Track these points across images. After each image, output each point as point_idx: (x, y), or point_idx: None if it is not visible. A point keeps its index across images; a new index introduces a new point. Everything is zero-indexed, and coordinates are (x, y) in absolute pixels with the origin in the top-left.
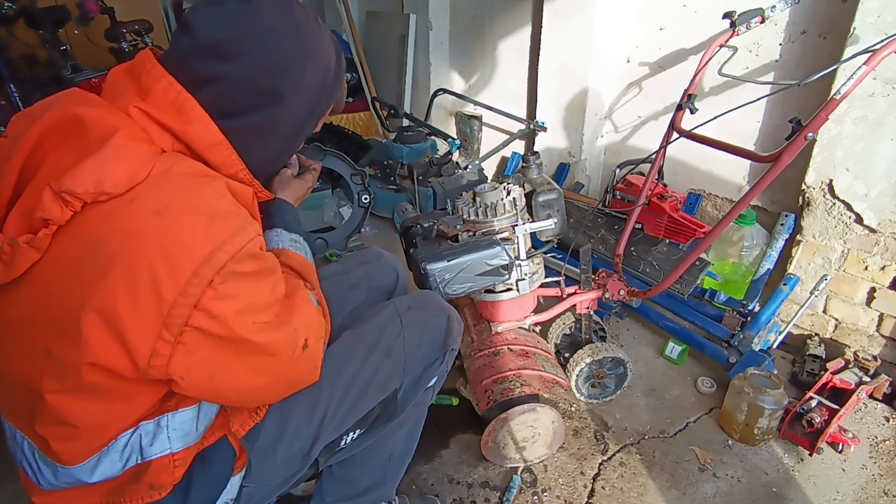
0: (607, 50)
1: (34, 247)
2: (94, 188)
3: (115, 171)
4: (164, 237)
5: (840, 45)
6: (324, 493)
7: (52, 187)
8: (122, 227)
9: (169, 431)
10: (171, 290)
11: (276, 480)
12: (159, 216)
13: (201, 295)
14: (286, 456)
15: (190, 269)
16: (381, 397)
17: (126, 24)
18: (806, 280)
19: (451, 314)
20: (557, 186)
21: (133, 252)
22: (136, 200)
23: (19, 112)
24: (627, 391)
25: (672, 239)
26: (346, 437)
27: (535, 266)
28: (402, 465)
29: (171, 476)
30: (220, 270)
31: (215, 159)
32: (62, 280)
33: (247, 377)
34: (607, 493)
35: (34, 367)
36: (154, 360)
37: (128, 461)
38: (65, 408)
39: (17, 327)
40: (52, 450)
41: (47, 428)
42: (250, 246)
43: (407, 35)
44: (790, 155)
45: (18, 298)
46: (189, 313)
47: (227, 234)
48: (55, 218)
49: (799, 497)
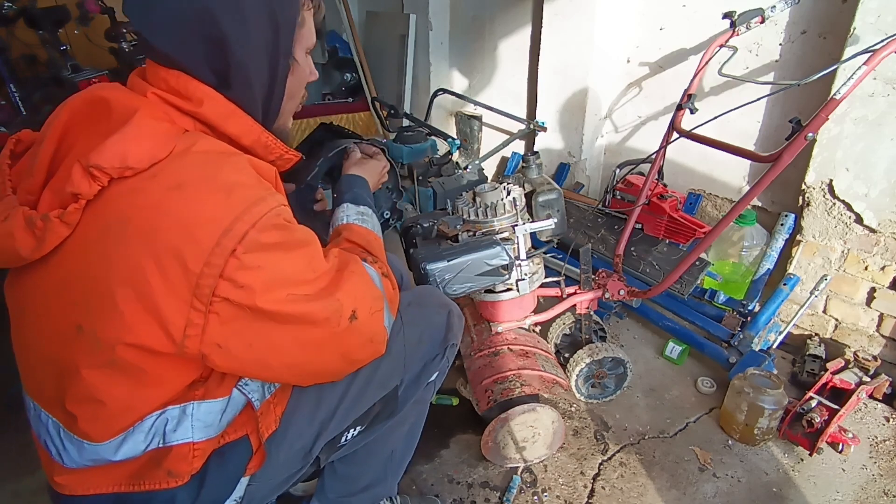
0: (607, 50)
1: (64, 221)
2: (119, 163)
3: (137, 147)
4: (184, 210)
5: (840, 45)
6: (325, 489)
7: (81, 163)
8: (146, 202)
9: (193, 420)
10: (196, 262)
11: (277, 479)
12: (179, 190)
13: (225, 265)
14: (288, 455)
15: (212, 240)
16: (381, 394)
17: (126, 24)
18: (806, 280)
19: (452, 309)
20: (557, 186)
21: (157, 226)
22: (158, 176)
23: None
24: (627, 391)
25: (672, 239)
26: (346, 434)
27: (535, 266)
28: (403, 462)
29: (189, 466)
30: (241, 240)
31: (235, 130)
32: (91, 256)
33: (293, 349)
34: (607, 493)
35: (66, 343)
36: (189, 330)
37: (150, 443)
38: (97, 383)
39: (48, 304)
40: (80, 427)
41: (77, 405)
42: (271, 215)
43: (407, 35)
44: (790, 155)
45: (48, 275)
46: (216, 283)
47: (246, 205)
48: (84, 192)
49: (799, 497)
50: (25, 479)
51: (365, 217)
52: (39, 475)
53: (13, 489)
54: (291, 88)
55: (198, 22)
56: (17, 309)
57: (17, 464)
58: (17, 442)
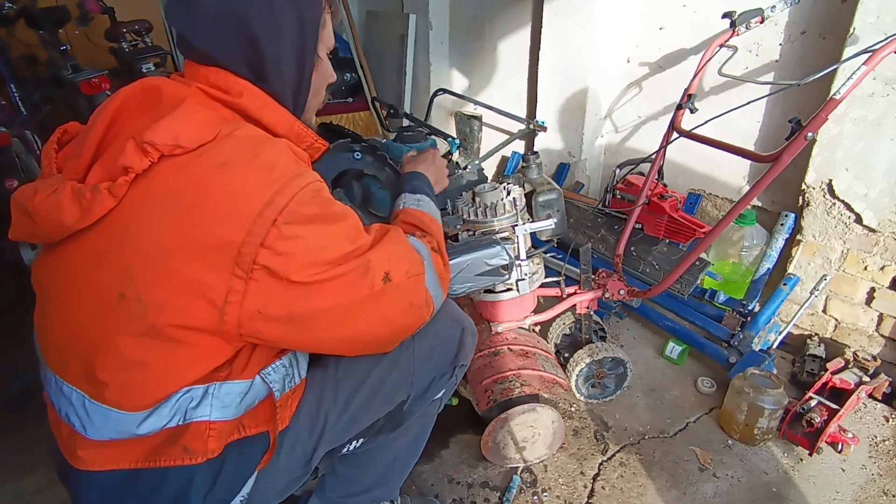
0: (607, 50)
1: (112, 193)
2: (172, 141)
3: (189, 128)
4: (229, 185)
5: (840, 45)
6: (325, 488)
7: (136, 139)
8: (192, 177)
9: (213, 399)
10: (238, 232)
11: (278, 484)
12: (224, 167)
13: (266, 234)
14: (288, 460)
15: (254, 211)
16: (386, 409)
17: (126, 24)
18: (806, 280)
19: (466, 326)
20: (557, 186)
21: (202, 200)
22: (204, 155)
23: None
24: (627, 391)
25: (672, 239)
26: (348, 446)
27: (535, 266)
28: (406, 468)
29: (204, 444)
30: (282, 211)
31: (271, 119)
32: (136, 226)
33: (332, 314)
34: (607, 493)
35: (104, 312)
36: (230, 296)
37: (172, 420)
38: (133, 352)
39: (86, 275)
40: (108, 395)
41: (109, 373)
42: (309, 189)
43: (407, 35)
44: (790, 155)
45: (89, 246)
46: (256, 251)
47: (286, 179)
48: (135, 166)
49: (799, 497)
50: (25, 478)
51: (421, 203)
52: (39, 475)
53: (13, 489)
54: (316, 85)
55: (234, 22)
56: (47, 285)
57: (17, 464)
58: (17, 442)
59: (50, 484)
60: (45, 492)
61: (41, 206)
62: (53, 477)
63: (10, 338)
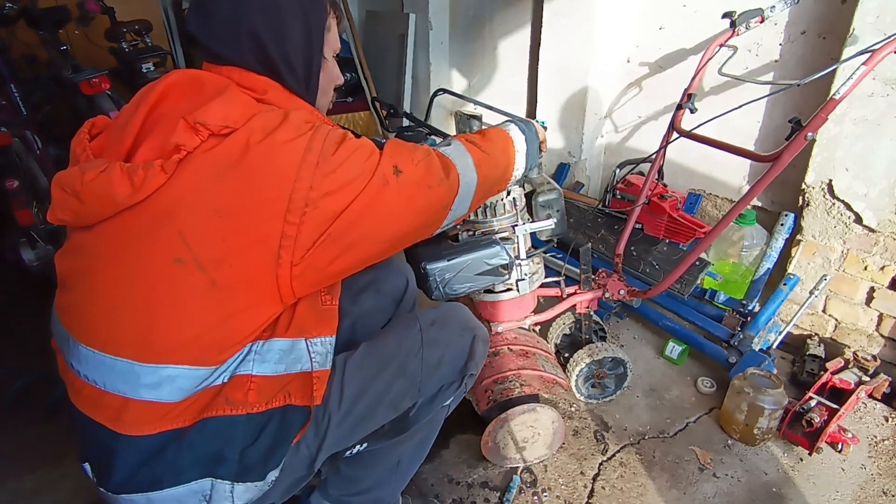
0: (607, 49)
1: (164, 170)
2: (222, 122)
3: (235, 110)
4: (271, 148)
5: (839, 46)
6: (328, 485)
7: (187, 119)
8: (237, 146)
9: (255, 356)
10: (287, 183)
11: (284, 483)
12: (262, 132)
13: (312, 176)
14: (293, 460)
15: (296, 162)
16: (392, 416)
17: (126, 24)
18: (806, 280)
19: (478, 334)
20: (557, 186)
21: (250, 163)
22: (246, 126)
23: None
24: (627, 391)
25: (672, 239)
26: (352, 449)
27: (535, 266)
28: (409, 471)
29: (245, 396)
30: (319, 153)
31: (295, 108)
32: (187, 197)
33: (372, 223)
34: (607, 493)
35: (163, 277)
36: (284, 241)
37: (221, 376)
38: (193, 312)
39: (138, 246)
40: (164, 355)
41: (169, 335)
42: (334, 134)
43: (407, 35)
44: (790, 155)
45: (136, 220)
46: (307, 195)
47: (314, 132)
48: (188, 143)
49: (798, 497)
50: (25, 478)
51: (508, 125)
52: (39, 475)
53: (13, 489)
54: (324, 84)
55: (246, 27)
56: (86, 265)
57: (17, 463)
58: (17, 442)
59: (50, 484)
60: (45, 491)
61: (91, 184)
62: (54, 477)
63: (11, 338)
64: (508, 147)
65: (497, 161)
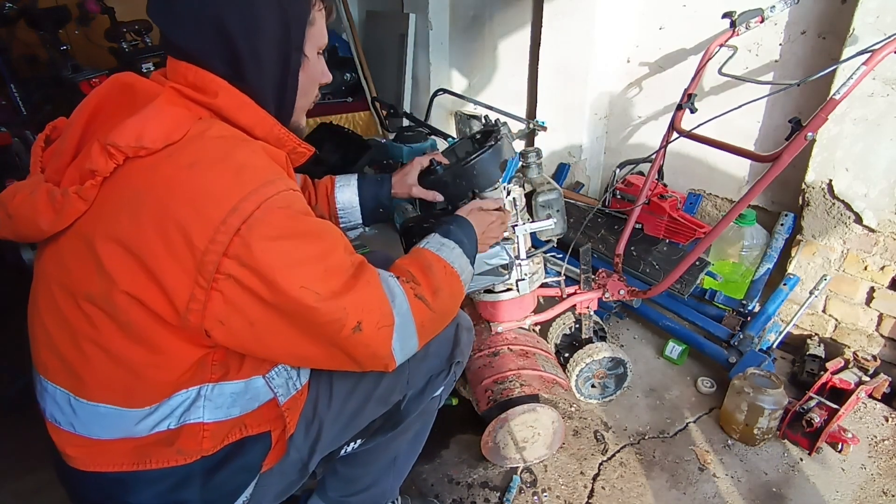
0: (607, 50)
1: (81, 196)
2: (135, 142)
3: (153, 128)
4: (195, 188)
5: (839, 46)
6: (326, 487)
7: (100, 141)
8: (159, 179)
9: (205, 401)
10: (202, 238)
11: (274, 489)
12: (191, 168)
13: (230, 243)
14: (283, 465)
15: (219, 217)
16: (381, 410)
17: (126, 24)
18: (806, 280)
19: (461, 322)
20: (557, 186)
21: (168, 202)
22: (173, 156)
23: None
24: (627, 391)
25: (672, 239)
26: (345, 448)
27: (535, 266)
28: (406, 466)
29: (199, 445)
30: (247, 219)
31: (248, 120)
32: (104, 229)
33: (296, 339)
34: (607, 493)
35: (77, 311)
36: (192, 304)
37: (164, 421)
38: (115, 350)
39: (62, 275)
40: (92, 393)
41: (91, 373)
42: (279, 198)
43: (407, 35)
44: (790, 155)
45: (64, 246)
46: (219, 260)
47: (255, 186)
48: (100, 169)
49: (798, 497)
50: (25, 478)
51: (443, 248)
52: (39, 475)
53: (13, 489)
54: (304, 85)
55: (210, 16)
56: (34, 286)
57: (17, 463)
58: (18, 442)
59: (50, 484)
60: (44, 491)
61: (20, 207)
62: (53, 477)
63: (10, 338)
64: (456, 289)
65: (444, 314)
